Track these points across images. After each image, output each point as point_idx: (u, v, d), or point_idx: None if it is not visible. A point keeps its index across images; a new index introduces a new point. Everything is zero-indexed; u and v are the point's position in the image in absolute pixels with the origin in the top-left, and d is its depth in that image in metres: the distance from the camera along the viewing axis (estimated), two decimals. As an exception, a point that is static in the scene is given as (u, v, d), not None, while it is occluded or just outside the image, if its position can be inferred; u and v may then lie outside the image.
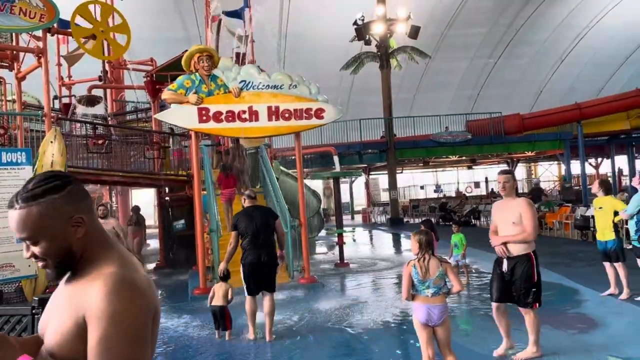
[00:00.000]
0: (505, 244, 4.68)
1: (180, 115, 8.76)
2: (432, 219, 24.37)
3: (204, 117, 8.66)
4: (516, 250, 4.68)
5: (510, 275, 4.69)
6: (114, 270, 1.29)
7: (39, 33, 10.22)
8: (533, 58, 35.44)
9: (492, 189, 32.46)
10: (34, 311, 3.51)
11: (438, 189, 35.45)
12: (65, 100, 15.70)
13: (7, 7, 9.10)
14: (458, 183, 36.41)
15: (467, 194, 30.50)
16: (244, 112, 8.79)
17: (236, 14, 16.37)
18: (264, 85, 8.92)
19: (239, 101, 8.82)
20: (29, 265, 9.09)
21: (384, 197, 32.22)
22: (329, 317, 7.08)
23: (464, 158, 29.07)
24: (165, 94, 8.79)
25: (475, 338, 5.89)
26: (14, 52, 11.29)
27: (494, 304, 4.85)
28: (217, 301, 6.11)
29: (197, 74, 8.76)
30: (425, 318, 4.02)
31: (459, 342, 5.10)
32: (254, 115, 8.82)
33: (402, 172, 31.48)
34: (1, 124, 10.25)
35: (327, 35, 28.52)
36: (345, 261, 11.91)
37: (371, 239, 20.33)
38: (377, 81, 25.75)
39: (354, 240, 18.23)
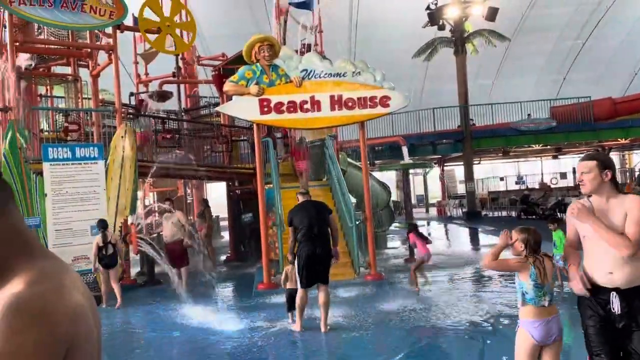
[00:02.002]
0: None
1: (241, 107, 8.61)
2: (513, 213, 23.10)
3: (265, 109, 8.45)
4: (630, 277, 2.86)
5: (626, 318, 2.88)
6: (19, 289, 0.95)
7: (110, 30, 10.48)
8: (626, 38, 32.41)
9: (581, 179, 30.14)
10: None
11: (520, 180, 33.48)
12: (141, 97, 16.23)
13: (78, 5, 9.36)
14: (542, 174, 34.18)
15: (552, 186, 28.52)
16: (306, 102, 8.48)
17: (304, 5, 16.12)
18: (326, 74, 8.55)
19: (301, 91, 8.52)
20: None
21: (461, 189, 30.93)
22: (394, 317, 6.62)
23: (548, 147, 27.23)
24: (227, 86, 8.66)
25: None
26: (90, 50, 11.70)
27: None
28: (293, 284, 6.33)
29: (258, 64, 8.55)
30: (543, 335, 3.18)
31: None
32: (316, 105, 8.49)
33: (479, 163, 30.03)
34: (76, 121, 10.63)
35: (398, 22, 27.64)
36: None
37: (446, 233, 19.45)
38: (452, 68, 24.60)
39: (428, 235, 17.50)
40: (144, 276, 10.77)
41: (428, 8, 23.28)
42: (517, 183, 33.09)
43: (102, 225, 8.34)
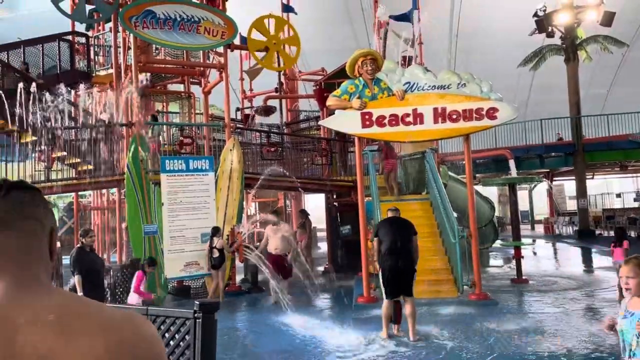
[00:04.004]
0: None
1: (343, 121, 8.71)
2: (632, 233, 21.09)
3: (367, 122, 8.47)
4: None
5: None
6: None
7: (221, 49, 11.13)
8: None
9: None
10: (195, 315, 3.57)
11: (639, 197, 30.58)
12: (247, 112, 17.05)
13: (194, 27, 10.05)
14: (666, 191, 30.96)
15: (679, 204, 25.70)
16: (408, 115, 8.39)
17: (404, 17, 16.05)
18: (429, 86, 8.41)
19: (403, 104, 8.44)
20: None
21: (571, 205, 28.84)
22: (502, 341, 6.28)
23: (674, 161, 24.63)
24: (330, 101, 8.81)
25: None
26: (202, 68, 12.50)
27: None
28: None
29: (360, 78, 8.62)
30: None
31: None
32: (418, 118, 8.36)
33: (592, 178, 27.85)
34: (189, 135, 11.36)
35: (502, 31, 26.59)
36: (523, 277, 10.71)
37: (555, 253, 18.21)
38: (562, 77, 23.16)
39: (534, 254, 16.51)
40: (248, 283, 11.19)
41: (536, 15, 22.18)
42: (635, 200, 30.25)
43: (212, 232, 9.32)
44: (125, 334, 0.85)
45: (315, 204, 20.69)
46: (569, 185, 27.89)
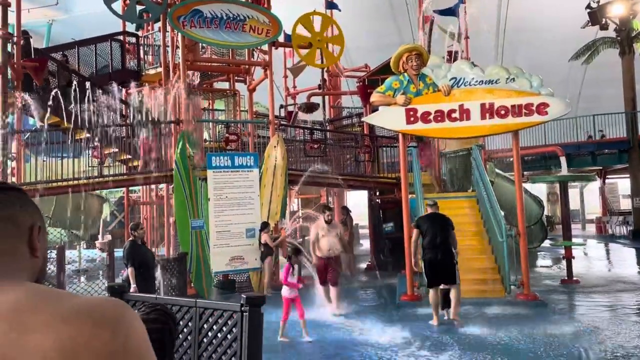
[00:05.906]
0: None
1: (387, 117, 8.63)
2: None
3: (412, 118, 8.36)
4: None
5: None
6: None
7: (266, 47, 11.24)
8: None
9: None
10: (242, 308, 3.64)
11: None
12: (290, 109, 17.17)
13: (240, 26, 10.20)
14: None
15: None
16: (454, 111, 8.23)
17: (450, 12, 15.76)
18: (476, 81, 8.22)
19: (449, 100, 8.29)
20: (255, 259, 10.04)
21: (625, 204, 27.60)
22: (553, 344, 6.09)
23: None
24: (374, 97, 8.74)
25: None
26: (247, 66, 12.67)
27: None
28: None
29: (405, 74, 8.51)
30: None
31: None
32: (464, 114, 8.19)
33: (648, 176, 26.55)
34: (235, 132, 11.55)
35: (552, 24, 25.69)
36: (574, 278, 10.35)
37: (607, 253, 17.49)
38: (616, 70, 22.16)
39: (585, 254, 15.91)
40: (291, 279, 11.27)
41: (589, 7, 21.31)
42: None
43: (260, 226, 9.70)
44: (82, 327, 0.76)
45: (355, 201, 20.65)
46: (623, 184, 26.71)
